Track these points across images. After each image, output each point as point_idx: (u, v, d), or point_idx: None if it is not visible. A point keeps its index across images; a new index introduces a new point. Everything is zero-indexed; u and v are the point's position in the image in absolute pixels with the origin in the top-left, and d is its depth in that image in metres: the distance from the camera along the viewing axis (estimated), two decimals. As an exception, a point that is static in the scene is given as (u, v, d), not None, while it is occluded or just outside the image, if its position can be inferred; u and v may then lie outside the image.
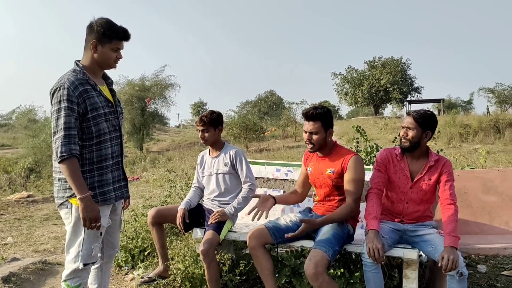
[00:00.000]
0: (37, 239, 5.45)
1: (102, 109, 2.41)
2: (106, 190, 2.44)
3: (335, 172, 2.92)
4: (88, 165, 2.38)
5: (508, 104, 41.68)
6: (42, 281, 3.85)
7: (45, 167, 17.02)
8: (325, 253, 2.61)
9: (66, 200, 2.36)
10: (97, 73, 2.50)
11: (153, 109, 26.11)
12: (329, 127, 2.95)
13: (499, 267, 3.82)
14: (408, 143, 2.84)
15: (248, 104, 55.39)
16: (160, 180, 10.81)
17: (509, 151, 14.17)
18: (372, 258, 2.56)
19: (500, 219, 3.38)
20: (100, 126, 2.38)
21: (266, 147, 21.36)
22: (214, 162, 3.52)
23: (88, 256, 2.39)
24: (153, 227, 3.52)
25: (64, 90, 2.26)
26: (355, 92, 43.94)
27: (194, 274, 3.27)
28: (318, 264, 2.54)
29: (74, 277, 2.40)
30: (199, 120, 3.50)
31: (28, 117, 29.75)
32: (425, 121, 2.81)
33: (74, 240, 2.39)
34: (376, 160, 3.03)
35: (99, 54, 2.42)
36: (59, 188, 2.40)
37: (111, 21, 2.43)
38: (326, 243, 2.69)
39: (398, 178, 2.91)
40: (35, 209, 7.86)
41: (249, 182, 3.40)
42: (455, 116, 22.89)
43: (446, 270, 2.46)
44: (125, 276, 3.86)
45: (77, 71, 2.38)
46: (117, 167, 2.54)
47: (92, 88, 2.39)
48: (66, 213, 2.40)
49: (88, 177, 2.38)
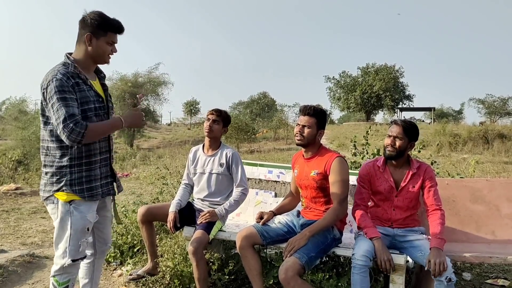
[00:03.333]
0: (24, 232, 5.41)
1: (93, 103, 2.38)
2: (93, 186, 2.41)
3: (319, 174, 2.94)
4: (77, 160, 2.35)
5: (497, 115, 42.16)
6: (29, 274, 3.83)
7: (33, 159, 16.88)
8: (298, 259, 2.64)
9: (52, 194, 2.34)
10: (89, 68, 2.46)
11: (145, 105, 26.01)
12: (322, 127, 3.00)
13: (484, 275, 3.88)
14: (394, 152, 2.90)
15: (241, 105, 55.41)
16: (151, 177, 10.78)
17: (497, 161, 14.36)
18: (384, 270, 2.66)
19: (487, 228, 3.43)
20: (89, 121, 2.32)
21: (257, 148, 21.40)
22: (208, 160, 3.49)
23: (75, 251, 2.37)
24: (143, 225, 3.51)
25: (57, 82, 2.22)
26: (348, 97, 44.19)
27: (183, 272, 3.28)
28: (288, 269, 2.58)
29: (63, 273, 2.39)
30: (216, 109, 3.47)
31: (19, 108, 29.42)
32: (412, 132, 2.91)
33: (62, 235, 2.37)
34: (359, 175, 3.08)
35: (93, 47, 2.37)
36: (46, 182, 2.37)
37: (104, 14, 2.39)
38: (303, 248, 2.71)
39: (383, 189, 2.97)
40: (23, 201, 7.80)
41: (243, 186, 3.39)
42: (445, 125, 23.15)
43: (435, 275, 2.51)
44: (113, 272, 3.86)
45: (68, 65, 2.33)
46: (105, 163, 2.52)
47: (82, 82, 2.36)
48: (53, 208, 2.37)
49: (76, 172, 2.34)
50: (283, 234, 3.04)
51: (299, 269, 2.61)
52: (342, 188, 2.87)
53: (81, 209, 2.36)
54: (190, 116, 51.42)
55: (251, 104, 53.70)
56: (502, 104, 42.26)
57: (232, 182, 3.47)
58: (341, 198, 2.86)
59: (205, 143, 3.57)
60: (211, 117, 3.44)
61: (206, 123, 3.47)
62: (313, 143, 3.00)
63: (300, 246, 2.70)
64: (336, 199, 2.86)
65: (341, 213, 2.88)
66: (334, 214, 2.85)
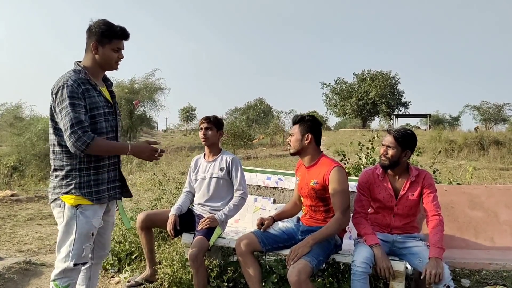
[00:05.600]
0: (21, 239, 5.37)
1: (102, 109, 2.43)
2: (100, 189, 2.45)
3: (318, 184, 2.93)
4: (86, 163, 2.39)
5: (492, 122, 42.42)
6: (26, 282, 3.79)
7: (28, 166, 16.78)
8: (309, 262, 2.63)
9: (59, 196, 2.36)
10: (98, 75, 2.52)
11: (141, 112, 25.98)
12: (308, 132, 2.97)
13: (483, 282, 3.88)
14: (387, 161, 2.92)
15: (237, 111, 55.40)
16: (147, 184, 10.73)
17: (492, 168, 14.40)
18: (383, 277, 2.68)
19: (485, 234, 3.44)
20: (98, 125, 2.40)
21: (253, 154, 21.36)
22: (209, 166, 3.52)
23: (79, 256, 2.38)
24: (141, 231, 3.50)
25: (68, 88, 2.27)
26: (344, 103, 44.40)
27: (182, 279, 3.26)
28: (301, 271, 2.57)
29: (63, 277, 2.39)
30: (205, 117, 3.53)
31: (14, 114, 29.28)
32: (405, 141, 2.89)
33: (66, 239, 2.39)
34: (358, 183, 3.08)
35: (100, 55, 2.44)
36: (55, 185, 2.40)
37: (109, 21, 2.45)
38: (310, 252, 2.71)
39: (382, 197, 2.98)
40: (19, 208, 7.74)
41: (242, 191, 3.41)
42: (441, 131, 23.24)
43: (429, 284, 2.54)
44: (111, 279, 3.83)
45: (78, 71, 2.39)
46: (113, 167, 2.55)
47: (93, 88, 2.41)
48: (59, 212, 2.39)
49: (85, 175, 2.38)
50: (283, 241, 3.03)
51: (310, 272, 2.62)
52: (343, 198, 2.85)
53: (87, 214, 2.39)
54: (186, 122, 51.43)
55: (248, 111, 53.73)
56: (497, 111, 42.56)
57: (232, 187, 3.47)
58: (344, 208, 2.84)
59: (205, 151, 3.63)
60: (203, 125, 3.52)
61: (200, 132, 3.55)
62: (305, 151, 3.00)
63: (303, 253, 2.68)
64: (339, 209, 2.84)
65: (344, 222, 2.87)
66: (337, 223, 2.83)
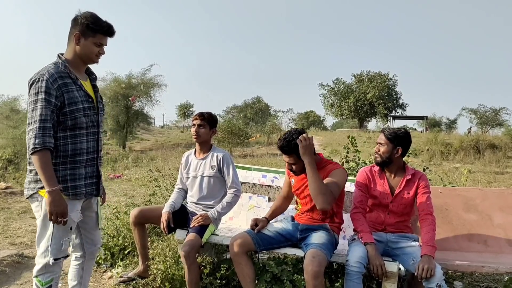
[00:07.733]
0: (13, 232, 5.34)
1: (81, 103, 2.38)
2: (77, 185, 2.41)
3: None
4: (62, 158, 2.35)
5: (489, 125, 42.55)
6: (17, 274, 3.78)
7: (24, 159, 16.66)
8: (326, 255, 2.66)
9: (36, 192, 2.33)
10: (79, 67, 2.48)
11: (138, 107, 25.85)
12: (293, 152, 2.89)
13: (475, 285, 3.89)
14: (379, 158, 3.02)
15: (234, 109, 55.37)
16: (143, 179, 10.71)
17: (488, 171, 14.44)
18: (376, 275, 2.69)
19: (479, 237, 3.44)
20: (77, 121, 2.36)
21: (250, 153, 21.35)
22: (200, 164, 3.48)
23: (57, 250, 2.36)
24: (135, 227, 3.49)
25: (43, 82, 2.24)
26: (341, 104, 44.43)
27: (175, 275, 3.25)
28: (321, 263, 2.58)
29: (45, 273, 2.37)
30: (199, 114, 3.48)
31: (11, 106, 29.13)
32: (396, 138, 2.98)
33: (44, 234, 2.36)
34: (356, 181, 3.13)
35: (81, 47, 2.40)
36: (30, 180, 2.37)
37: (97, 15, 2.42)
38: (325, 246, 2.72)
39: (379, 194, 3.03)
40: (13, 201, 7.70)
41: (235, 188, 3.38)
42: (437, 134, 23.29)
43: (421, 278, 2.57)
44: (103, 274, 3.82)
45: (59, 64, 2.36)
46: (91, 163, 2.51)
47: (72, 82, 2.37)
48: (37, 206, 2.37)
49: (61, 169, 2.35)
50: (278, 243, 3.03)
51: (326, 265, 2.65)
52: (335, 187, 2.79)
53: None
54: (183, 119, 51.28)
55: (245, 109, 53.69)
56: (494, 115, 42.67)
57: (225, 185, 3.45)
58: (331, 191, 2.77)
59: (196, 148, 3.58)
60: (196, 122, 3.46)
61: (192, 129, 3.49)
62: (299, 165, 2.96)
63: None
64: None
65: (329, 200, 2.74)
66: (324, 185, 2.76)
